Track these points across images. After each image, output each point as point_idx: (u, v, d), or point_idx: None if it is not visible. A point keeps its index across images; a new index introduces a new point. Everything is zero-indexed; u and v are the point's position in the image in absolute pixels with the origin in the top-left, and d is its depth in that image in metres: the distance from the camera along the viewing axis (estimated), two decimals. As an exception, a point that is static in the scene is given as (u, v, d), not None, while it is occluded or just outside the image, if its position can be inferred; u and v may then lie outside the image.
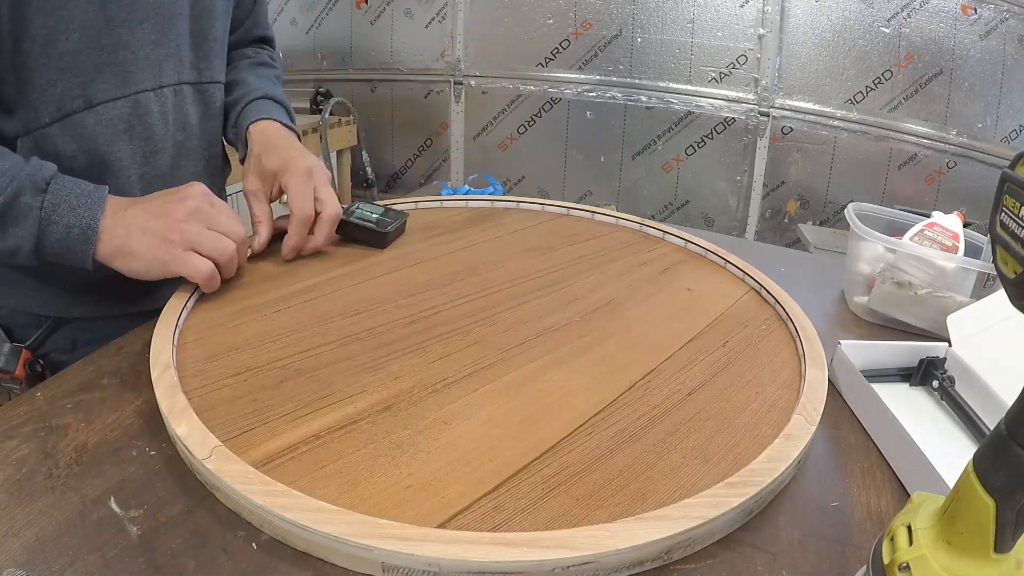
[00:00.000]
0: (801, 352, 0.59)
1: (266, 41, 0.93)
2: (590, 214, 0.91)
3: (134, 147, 0.69)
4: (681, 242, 0.83)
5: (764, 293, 0.71)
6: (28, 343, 0.72)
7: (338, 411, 0.49)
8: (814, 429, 0.48)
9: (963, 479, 0.31)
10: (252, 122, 0.78)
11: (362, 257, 0.74)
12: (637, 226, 0.87)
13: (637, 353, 0.58)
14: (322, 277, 0.69)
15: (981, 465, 0.30)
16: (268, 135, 0.77)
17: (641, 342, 0.60)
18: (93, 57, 0.64)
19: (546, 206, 0.92)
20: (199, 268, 0.61)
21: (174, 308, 0.59)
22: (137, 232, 0.60)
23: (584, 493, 0.42)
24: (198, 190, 0.64)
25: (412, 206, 0.89)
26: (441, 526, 0.39)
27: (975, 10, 2.09)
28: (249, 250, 0.70)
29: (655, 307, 0.67)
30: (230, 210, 0.66)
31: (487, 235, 0.83)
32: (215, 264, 0.62)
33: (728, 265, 0.77)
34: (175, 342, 0.55)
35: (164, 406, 0.46)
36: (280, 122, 0.79)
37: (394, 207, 0.82)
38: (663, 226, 0.85)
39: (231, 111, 0.82)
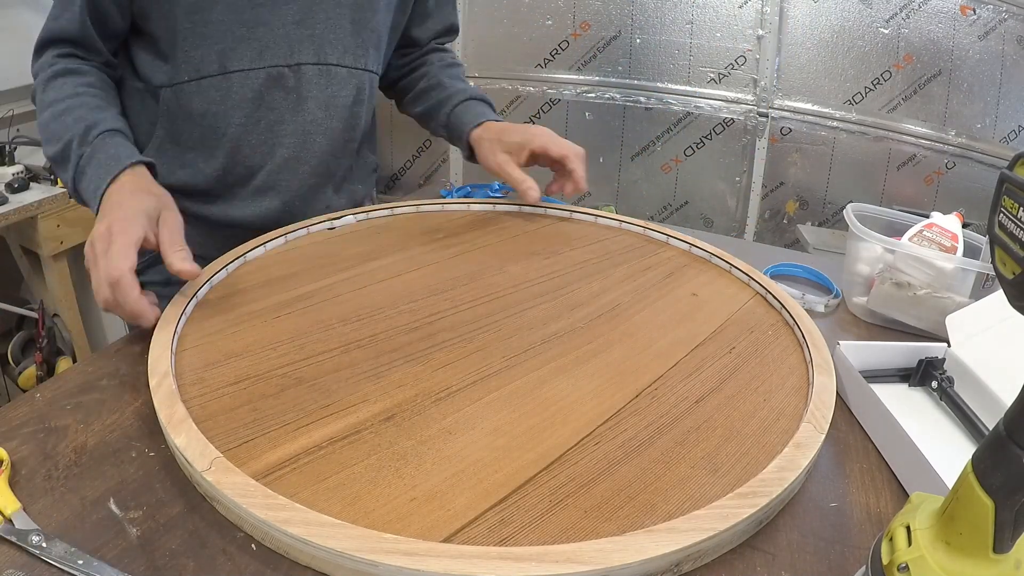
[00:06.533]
0: (809, 358, 0.59)
1: (452, 30, 1.00)
2: (593, 217, 0.90)
3: (259, 115, 0.77)
4: (685, 246, 0.82)
5: (770, 297, 0.70)
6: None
7: (340, 420, 0.48)
8: (823, 437, 0.48)
9: (962, 479, 0.31)
10: (472, 128, 0.89)
11: (363, 262, 0.73)
12: (640, 230, 0.87)
13: (643, 360, 0.58)
14: (323, 282, 0.68)
15: (980, 465, 0.30)
16: (495, 127, 0.88)
17: (647, 348, 0.60)
18: (233, 30, 0.72)
19: (548, 209, 0.92)
20: (96, 289, 0.57)
21: (173, 314, 0.58)
22: (104, 213, 0.61)
23: (592, 505, 0.42)
24: (143, 203, 0.60)
25: (414, 209, 0.88)
26: (447, 540, 0.39)
27: (974, 11, 2.09)
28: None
29: (660, 312, 0.66)
30: (129, 240, 0.57)
31: (489, 239, 0.82)
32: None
33: (733, 269, 0.76)
34: (174, 349, 0.54)
35: (163, 415, 0.46)
36: (496, 121, 0.89)
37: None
38: (666, 229, 0.85)
39: (437, 111, 0.93)
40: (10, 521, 0.39)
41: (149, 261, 0.81)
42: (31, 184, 1.61)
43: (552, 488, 0.43)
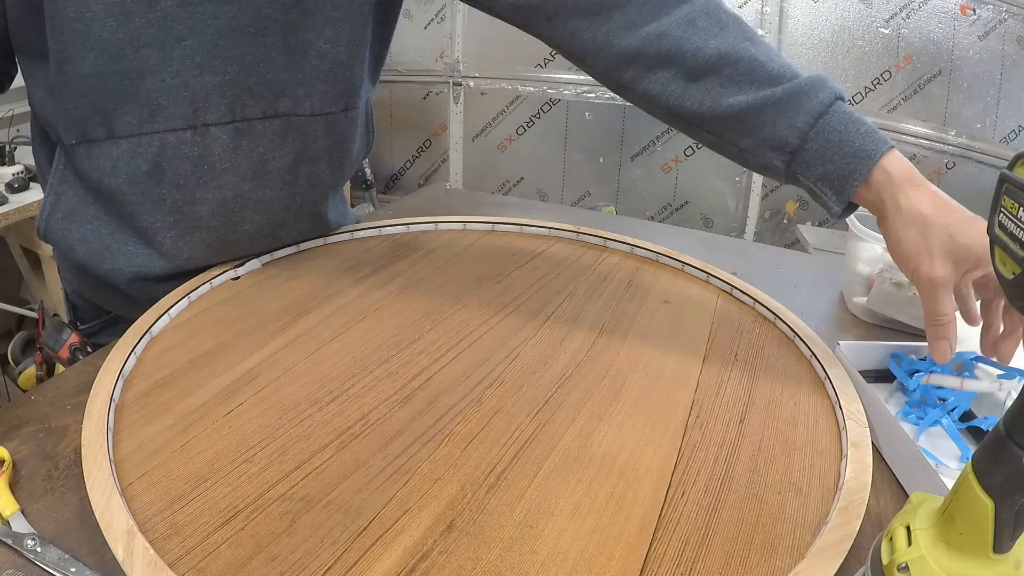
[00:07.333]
0: (810, 354, 0.60)
1: None
2: (518, 227, 0.85)
3: (162, 193, 0.60)
4: (625, 247, 0.81)
5: (736, 293, 0.71)
6: (84, 327, 0.73)
7: (393, 546, 0.39)
8: (868, 430, 0.50)
9: (962, 479, 0.31)
10: (883, 154, 0.53)
11: (296, 318, 0.62)
12: (573, 234, 0.84)
13: (666, 388, 0.55)
14: (262, 352, 0.56)
15: (980, 465, 0.30)
16: (918, 185, 0.52)
17: (661, 373, 0.58)
18: (112, 84, 0.55)
19: (467, 223, 0.85)
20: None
21: (92, 434, 0.44)
22: None
23: (721, 564, 0.39)
24: None
25: (321, 241, 0.78)
26: None
27: (974, 10, 2.10)
28: None
29: (648, 328, 0.65)
30: None
31: (422, 267, 0.74)
32: None
33: (687, 267, 0.76)
34: (119, 487, 0.41)
35: None
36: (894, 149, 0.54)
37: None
38: (598, 231, 0.83)
39: (762, 113, 0.57)
40: (8, 524, 0.39)
41: (104, 323, 0.74)
42: (31, 184, 1.61)
43: (675, 560, 0.39)
